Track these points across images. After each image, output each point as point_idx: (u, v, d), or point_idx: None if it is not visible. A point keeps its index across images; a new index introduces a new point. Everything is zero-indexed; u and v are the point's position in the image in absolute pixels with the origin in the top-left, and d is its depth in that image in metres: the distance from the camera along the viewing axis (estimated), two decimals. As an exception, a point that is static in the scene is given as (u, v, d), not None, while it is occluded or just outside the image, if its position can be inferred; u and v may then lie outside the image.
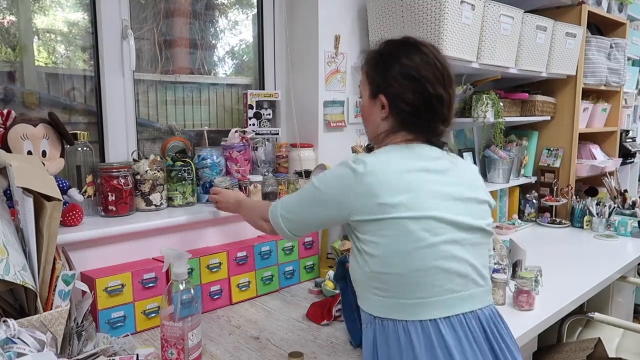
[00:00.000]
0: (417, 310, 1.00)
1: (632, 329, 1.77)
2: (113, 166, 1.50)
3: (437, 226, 1.01)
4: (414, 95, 1.06)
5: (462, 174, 1.10)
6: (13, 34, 1.50)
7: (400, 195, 1.00)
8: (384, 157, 1.05)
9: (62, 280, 1.04)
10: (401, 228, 0.99)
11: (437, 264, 1.00)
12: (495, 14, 2.04)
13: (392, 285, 1.01)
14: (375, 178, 1.01)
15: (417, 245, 0.99)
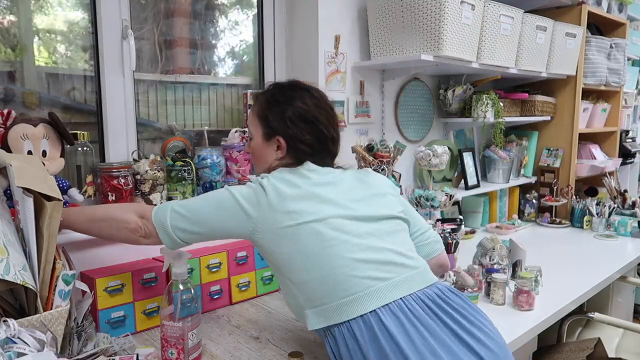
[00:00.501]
0: (354, 307, 1.00)
1: (632, 329, 1.77)
2: (113, 166, 1.50)
3: (344, 223, 1.05)
4: (312, 137, 1.14)
5: (354, 179, 1.17)
6: (13, 34, 1.50)
7: (302, 203, 1.05)
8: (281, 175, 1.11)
9: (62, 280, 1.04)
10: (309, 232, 1.03)
11: (356, 257, 1.03)
12: (495, 14, 2.04)
13: (318, 291, 1.03)
14: (279, 191, 1.06)
15: (330, 244, 1.03)
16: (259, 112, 1.19)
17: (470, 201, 2.56)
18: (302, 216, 1.04)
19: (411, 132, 2.36)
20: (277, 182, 1.08)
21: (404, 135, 2.32)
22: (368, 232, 1.07)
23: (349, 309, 1.00)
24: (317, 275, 1.03)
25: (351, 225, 1.06)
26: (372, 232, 1.08)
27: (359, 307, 1.00)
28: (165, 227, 1.10)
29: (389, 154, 1.85)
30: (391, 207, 1.16)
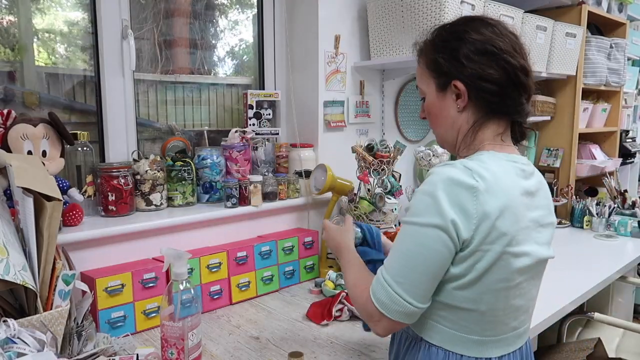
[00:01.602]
0: (480, 347, 0.90)
1: (632, 329, 1.77)
2: (113, 166, 1.50)
3: (527, 263, 0.88)
4: (497, 71, 0.89)
5: (545, 192, 0.97)
6: (13, 34, 1.50)
7: (510, 224, 0.84)
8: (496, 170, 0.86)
9: (62, 280, 1.04)
10: (502, 264, 0.84)
11: (514, 303, 0.90)
12: (495, 14, 2.04)
13: (464, 320, 0.89)
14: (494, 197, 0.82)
15: (508, 285, 0.87)
16: (427, 61, 0.96)
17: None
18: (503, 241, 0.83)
19: (411, 132, 2.36)
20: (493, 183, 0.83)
21: (404, 135, 2.32)
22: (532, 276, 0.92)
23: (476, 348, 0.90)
24: (480, 309, 0.87)
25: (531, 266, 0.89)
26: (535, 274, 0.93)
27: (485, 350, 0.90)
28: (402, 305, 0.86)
29: (389, 154, 1.85)
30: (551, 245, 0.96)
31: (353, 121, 2.07)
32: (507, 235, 0.83)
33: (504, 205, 0.83)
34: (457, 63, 0.90)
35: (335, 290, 1.58)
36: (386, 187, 1.86)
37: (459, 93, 0.91)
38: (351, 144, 1.89)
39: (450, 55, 0.91)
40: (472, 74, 0.89)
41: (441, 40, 0.94)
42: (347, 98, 2.04)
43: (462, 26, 0.93)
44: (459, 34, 0.92)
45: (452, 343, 0.90)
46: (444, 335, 0.90)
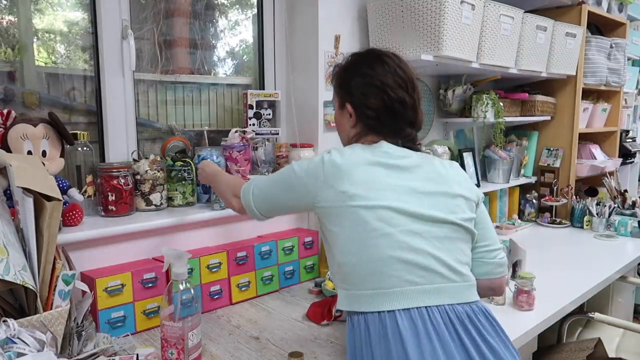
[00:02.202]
0: (375, 301, 1.00)
1: (632, 329, 1.77)
2: (113, 166, 1.50)
3: (393, 216, 1.02)
4: (376, 100, 1.12)
5: (432, 170, 1.12)
6: (13, 34, 1.50)
7: (357, 186, 1.04)
8: (347, 151, 1.10)
9: (62, 280, 1.04)
10: (356, 217, 1.02)
11: (394, 254, 1.00)
12: (495, 14, 2.04)
13: (351, 276, 1.04)
14: (337, 167, 1.06)
15: (372, 235, 1.01)
16: (335, 82, 1.23)
17: (470, 201, 2.56)
18: (352, 199, 1.03)
19: (411, 132, 2.35)
20: (338, 158, 1.07)
21: (404, 135, 2.32)
22: (415, 232, 1.03)
23: (370, 302, 1.00)
24: (353, 261, 1.03)
25: (399, 220, 1.03)
26: (422, 232, 1.03)
27: (381, 303, 0.99)
28: (251, 209, 1.20)
29: (389, 154, 1.85)
30: (455, 212, 1.08)
31: (353, 121, 2.07)
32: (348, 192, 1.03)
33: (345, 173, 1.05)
34: (349, 91, 1.17)
35: (335, 290, 1.58)
36: (386, 187, 1.86)
37: (350, 113, 1.17)
38: (351, 144, 1.89)
39: (346, 84, 1.18)
40: (358, 101, 1.15)
41: (343, 70, 1.20)
42: (347, 98, 2.04)
43: (360, 61, 1.18)
44: (356, 67, 1.17)
45: (353, 303, 1.04)
46: (349, 298, 1.05)
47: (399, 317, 0.97)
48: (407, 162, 1.10)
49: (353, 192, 1.03)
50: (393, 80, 1.12)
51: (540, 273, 1.67)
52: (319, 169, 1.08)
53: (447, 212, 1.07)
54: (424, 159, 1.13)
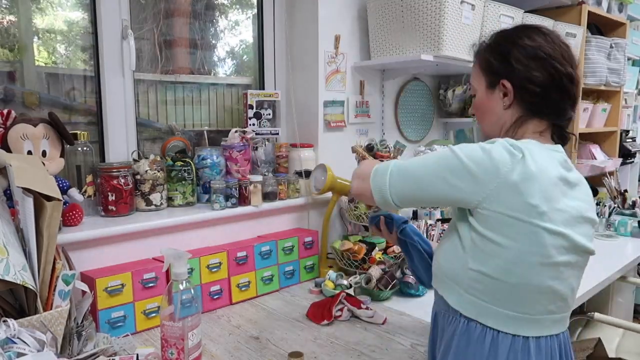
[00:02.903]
0: (515, 324, 0.94)
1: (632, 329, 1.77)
2: (113, 166, 1.50)
3: (565, 245, 0.93)
4: (543, 75, 0.97)
5: (586, 189, 1.01)
6: (13, 34, 1.50)
7: (548, 203, 0.90)
8: (537, 154, 0.92)
9: (62, 280, 1.04)
10: (537, 238, 0.90)
11: (551, 285, 0.94)
12: (495, 14, 2.04)
13: (498, 293, 0.94)
14: (531, 175, 0.89)
15: (543, 262, 0.92)
16: (481, 62, 1.06)
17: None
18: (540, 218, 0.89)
19: (411, 132, 2.36)
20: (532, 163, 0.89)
21: (404, 135, 2.32)
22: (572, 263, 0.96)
23: (509, 323, 0.94)
24: (512, 281, 0.92)
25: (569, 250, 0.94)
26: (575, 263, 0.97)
27: (521, 327, 0.94)
28: (383, 193, 1.00)
29: (389, 154, 1.85)
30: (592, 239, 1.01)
31: (353, 121, 2.07)
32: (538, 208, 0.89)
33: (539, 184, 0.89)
34: (508, 64, 1.00)
35: (335, 290, 1.58)
36: (386, 187, 1.86)
37: (506, 92, 1.01)
38: (351, 144, 1.89)
39: (502, 57, 1.01)
40: (520, 75, 0.98)
41: (496, 43, 1.04)
42: (347, 98, 2.04)
43: (517, 32, 1.02)
44: (512, 39, 1.01)
45: (486, 316, 0.95)
46: (479, 308, 0.95)
47: (532, 345, 0.94)
48: (574, 176, 0.98)
49: (543, 210, 0.89)
50: (560, 52, 0.98)
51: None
52: (506, 165, 0.89)
53: (590, 240, 1.00)
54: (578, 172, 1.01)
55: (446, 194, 0.94)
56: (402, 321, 1.43)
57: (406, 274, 1.61)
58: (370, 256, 1.72)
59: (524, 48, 0.99)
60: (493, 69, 1.03)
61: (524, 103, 1.00)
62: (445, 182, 0.93)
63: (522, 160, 0.89)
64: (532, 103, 0.99)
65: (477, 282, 0.95)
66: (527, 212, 0.89)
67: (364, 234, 1.94)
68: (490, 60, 1.03)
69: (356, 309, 1.45)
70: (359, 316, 1.44)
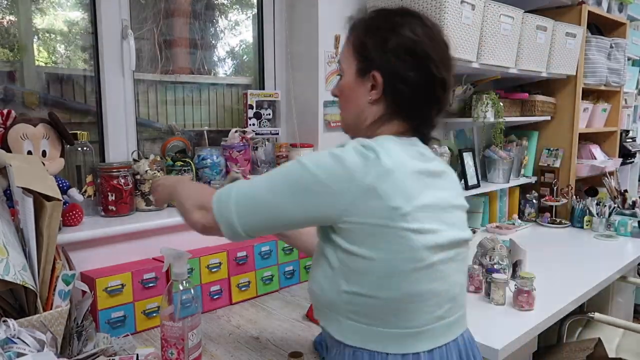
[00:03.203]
0: (402, 342, 0.86)
1: (632, 329, 1.77)
2: (113, 166, 1.50)
3: (438, 242, 0.85)
4: (417, 75, 0.88)
5: (451, 177, 0.96)
6: (13, 34, 1.50)
7: (410, 201, 0.82)
8: (392, 149, 0.85)
9: (62, 280, 1.04)
10: (405, 242, 0.82)
11: (432, 288, 0.86)
12: (495, 14, 2.04)
13: (375, 311, 0.85)
14: (388, 173, 0.81)
15: (417, 266, 0.84)
16: (355, 41, 0.93)
17: (470, 201, 2.56)
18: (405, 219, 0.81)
19: (411, 132, 2.35)
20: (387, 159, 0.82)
21: (404, 135, 2.32)
22: (451, 258, 0.89)
23: (396, 342, 0.86)
24: (389, 295, 0.84)
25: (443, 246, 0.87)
26: (454, 257, 0.89)
27: (408, 344, 0.86)
28: (231, 226, 0.88)
29: (389, 154, 1.85)
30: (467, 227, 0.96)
31: (353, 121, 2.07)
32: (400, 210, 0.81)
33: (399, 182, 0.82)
34: (383, 54, 0.89)
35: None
36: (386, 187, 1.86)
37: (375, 85, 0.90)
38: (351, 144, 1.89)
39: (378, 44, 0.90)
40: (393, 70, 0.88)
41: (375, 26, 0.92)
42: (347, 98, 2.04)
43: (399, 18, 0.91)
44: (393, 25, 0.90)
45: (370, 341, 0.86)
46: (361, 333, 0.87)
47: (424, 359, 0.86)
48: (437, 166, 0.92)
49: (407, 211, 0.81)
50: (439, 53, 0.89)
51: (540, 273, 1.67)
52: (357, 169, 0.81)
53: (465, 229, 0.94)
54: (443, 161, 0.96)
55: (303, 215, 0.85)
56: (402, 321, 1.43)
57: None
58: (370, 256, 1.72)
59: (403, 40, 0.88)
60: (367, 55, 0.91)
61: (389, 101, 0.91)
62: (299, 203, 0.83)
63: (375, 159, 0.81)
64: (397, 104, 0.91)
65: (354, 304, 0.86)
66: (389, 216, 0.81)
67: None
68: (365, 43, 0.91)
69: (356, 309, 1.45)
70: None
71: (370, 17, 0.95)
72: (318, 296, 0.92)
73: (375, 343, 0.86)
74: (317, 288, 0.91)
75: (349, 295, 0.86)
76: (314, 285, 0.92)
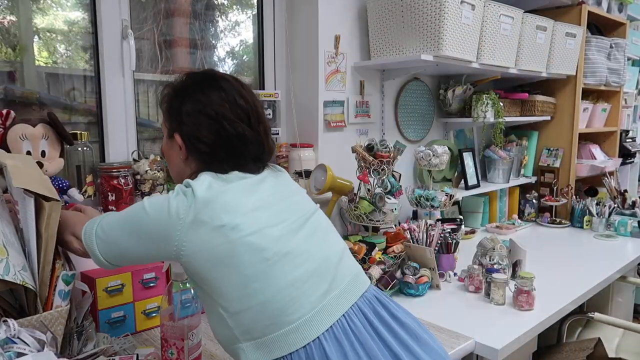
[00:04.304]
0: (299, 335, 0.88)
1: (632, 329, 1.77)
2: (113, 166, 1.50)
3: (281, 232, 0.91)
4: (210, 134, 0.96)
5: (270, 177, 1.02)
6: (13, 34, 1.49)
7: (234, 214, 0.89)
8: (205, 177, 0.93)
9: (62, 280, 1.04)
10: (248, 248, 0.87)
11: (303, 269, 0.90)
12: (495, 14, 2.04)
13: (260, 321, 0.88)
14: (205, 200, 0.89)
15: (274, 260, 0.89)
16: (166, 105, 1.03)
17: (470, 201, 2.56)
18: (235, 230, 0.87)
19: (411, 132, 2.36)
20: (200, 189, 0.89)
21: (404, 135, 2.32)
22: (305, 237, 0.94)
23: (293, 339, 0.87)
24: (258, 301, 0.87)
25: (289, 234, 0.92)
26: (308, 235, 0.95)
27: (305, 334, 0.88)
28: (96, 256, 0.98)
29: (389, 154, 1.85)
30: (310, 203, 1.05)
31: (353, 121, 2.07)
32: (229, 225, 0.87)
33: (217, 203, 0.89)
34: (179, 118, 0.99)
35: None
36: (386, 187, 1.86)
37: (180, 145, 1.00)
38: (351, 144, 1.89)
39: (175, 109, 1.00)
40: (189, 132, 0.98)
41: (175, 92, 1.01)
42: (347, 98, 2.04)
43: (194, 84, 1.00)
44: (187, 91, 0.99)
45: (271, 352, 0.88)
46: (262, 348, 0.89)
47: (325, 342, 0.87)
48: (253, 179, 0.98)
49: (235, 223, 0.87)
50: (231, 110, 0.97)
51: (540, 273, 1.67)
52: (182, 207, 0.88)
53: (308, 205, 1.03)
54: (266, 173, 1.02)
55: (145, 253, 0.93)
56: (402, 321, 1.43)
57: (406, 274, 1.61)
58: (370, 256, 1.72)
59: (194, 103, 0.97)
60: (170, 119, 1.02)
61: (196, 158, 1.00)
62: (138, 242, 0.92)
63: (192, 192, 0.89)
64: (203, 159, 0.99)
65: (241, 325, 0.89)
66: (220, 235, 0.87)
67: (364, 234, 1.93)
68: (171, 107, 1.01)
69: (356, 309, 1.45)
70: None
71: (178, 81, 1.03)
72: (219, 339, 0.96)
73: (278, 350, 0.88)
74: (215, 332, 0.96)
75: (232, 320, 0.90)
76: (214, 332, 0.97)
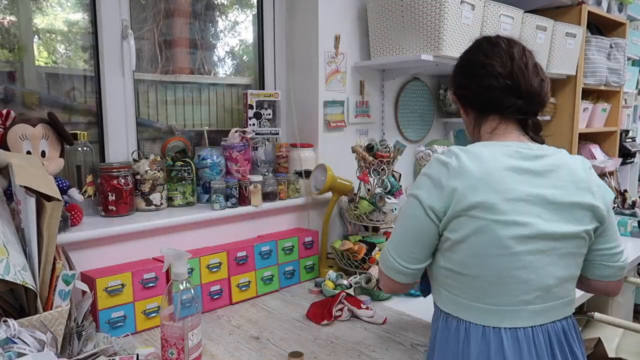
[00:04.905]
0: (484, 315, 0.97)
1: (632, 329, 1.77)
2: (113, 166, 1.50)
3: (525, 234, 0.93)
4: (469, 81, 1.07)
5: (566, 175, 0.98)
6: (13, 34, 1.49)
7: (496, 194, 0.93)
8: (478, 149, 0.98)
9: (62, 280, 1.04)
10: (487, 232, 0.93)
11: (517, 274, 0.94)
12: (495, 14, 2.04)
13: (463, 285, 0.99)
14: (469, 168, 0.94)
15: (500, 252, 0.94)
16: None
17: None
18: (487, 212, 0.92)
19: (411, 132, 2.36)
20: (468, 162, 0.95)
21: (404, 135, 2.32)
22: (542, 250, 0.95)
23: (479, 315, 0.97)
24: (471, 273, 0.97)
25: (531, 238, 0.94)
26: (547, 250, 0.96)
27: (490, 318, 0.96)
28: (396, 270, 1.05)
29: (389, 154, 1.85)
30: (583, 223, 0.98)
31: (353, 121, 2.07)
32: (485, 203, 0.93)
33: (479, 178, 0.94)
34: (453, 78, 1.15)
35: (335, 290, 1.58)
36: (386, 187, 1.86)
37: (456, 101, 1.15)
38: (351, 144, 1.89)
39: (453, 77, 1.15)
40: (456, 85, 1.13)
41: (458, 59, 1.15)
42: (347, 98, 2.04)
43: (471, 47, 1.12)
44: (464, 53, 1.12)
45: (459, 310, 1.00)
46: (453, 303, 1.01)
47: (504, 336, 0.95)
48: (541, 164, 0.98)
49: (493, 202, 0.92)
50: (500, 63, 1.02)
51: (540, 273, 1.67)
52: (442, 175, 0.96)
53: (576, 224, 0.97)
54: (560, 159, 1.00)
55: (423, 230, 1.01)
56: (402, 321, 1.44)
57: (406, 274, 1.61)
58: (370, 256, 1.72)
59: (460, 60, 1.13)
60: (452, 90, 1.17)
61: (470, 108, 1.11)
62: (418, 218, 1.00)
63: (456, 160, 0.96)
64: (472, 104, 1.10)
65: (447, 277, 1.02)
66: (476, 208, 0.93)
67: (364, 234, 1.94)
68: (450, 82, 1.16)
69: (356, 308, 1.45)
70: (359, 316, 1.44)
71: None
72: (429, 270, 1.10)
73: (463, 312, 1.00)
74: None
75: (444, 270, 1.02)
76: None
